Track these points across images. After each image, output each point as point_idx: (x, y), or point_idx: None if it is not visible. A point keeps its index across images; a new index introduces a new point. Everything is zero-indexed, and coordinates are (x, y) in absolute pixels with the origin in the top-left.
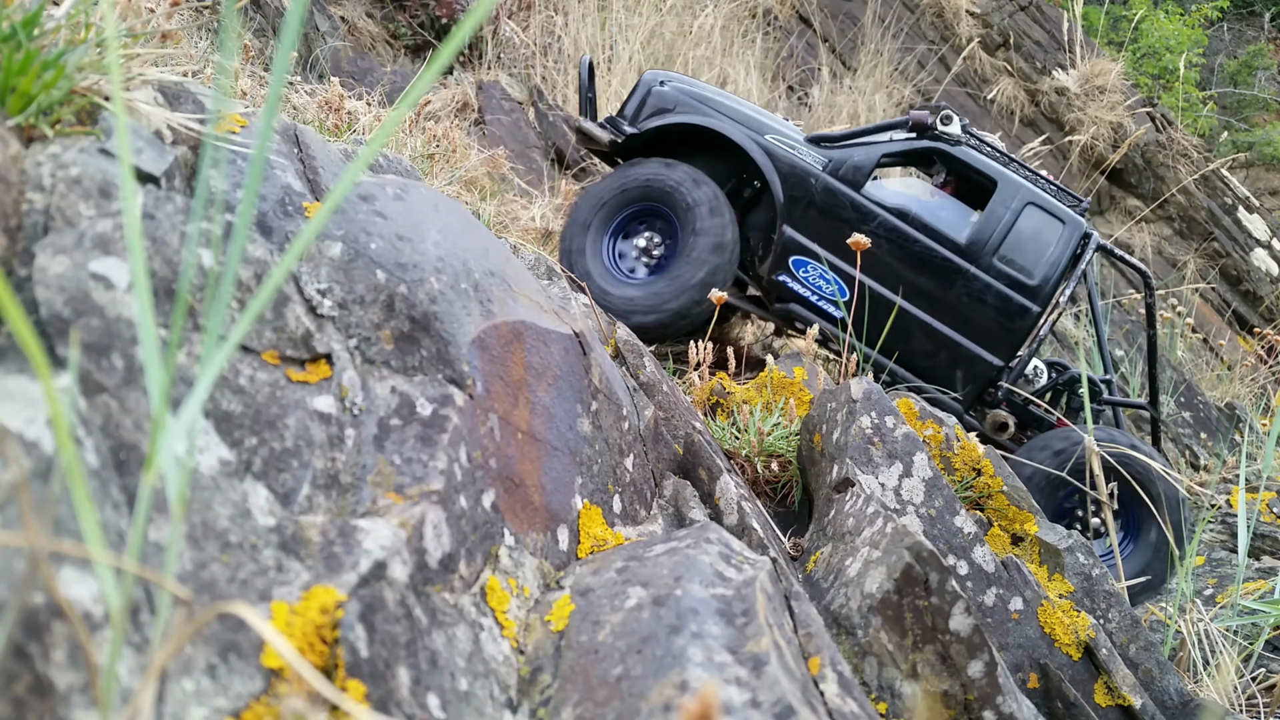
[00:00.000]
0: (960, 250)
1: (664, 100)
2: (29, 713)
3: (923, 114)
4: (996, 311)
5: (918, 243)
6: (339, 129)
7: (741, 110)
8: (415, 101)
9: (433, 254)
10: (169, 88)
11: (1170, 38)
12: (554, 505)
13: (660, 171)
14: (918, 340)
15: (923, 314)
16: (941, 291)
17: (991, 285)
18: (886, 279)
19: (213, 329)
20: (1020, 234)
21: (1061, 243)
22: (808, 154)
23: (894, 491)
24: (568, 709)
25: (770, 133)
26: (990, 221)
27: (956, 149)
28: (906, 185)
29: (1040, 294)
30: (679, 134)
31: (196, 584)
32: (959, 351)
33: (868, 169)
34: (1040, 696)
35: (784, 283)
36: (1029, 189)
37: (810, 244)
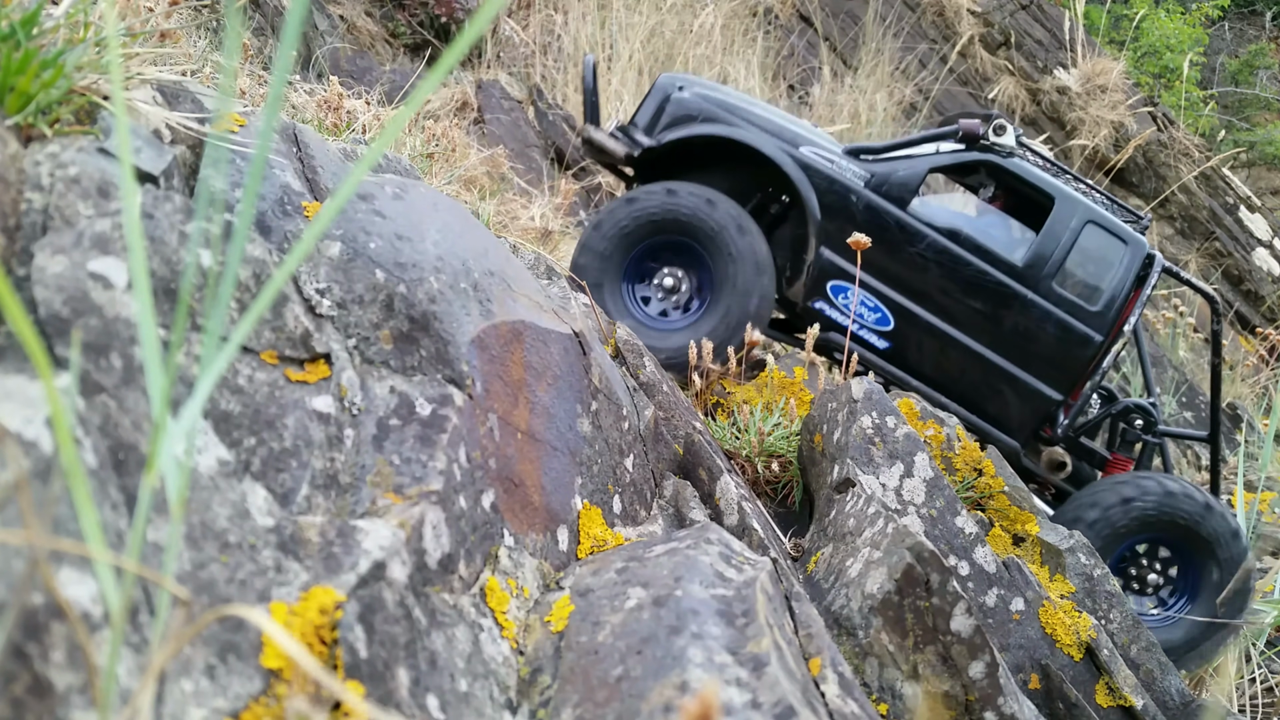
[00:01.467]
0: (1016, 274)
1: (684, 108)
2: (28, 713)
3: (974, 123)
4: (1056, 341)
5: (970, 265)
6: (338, 128)
7: (771, 119)
8: (418, 105)
9: (432, 253)
10: (168, 87)
11: (1171, 37)
12: (554, 505)
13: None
14: (970, 372)
15: (975, 343)
16: (996, 319)
17: (1051, 312)
18: (935, 306)
19: (213, 329)
20: (1081, 255)
21: (1125, 265)
22: (847, 168)
23: (895, 492)
24: (567, 710)
25: (805, 144)
26: (1048, 242)
27: (1009, 161)
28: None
29: (1103, 321)
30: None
31: (195, 584)
32: (1015, 385)
33: (914, 185)
34: (1042, 697)
35: (821, 310)
36: (1088, 206)
37: (850, 267)
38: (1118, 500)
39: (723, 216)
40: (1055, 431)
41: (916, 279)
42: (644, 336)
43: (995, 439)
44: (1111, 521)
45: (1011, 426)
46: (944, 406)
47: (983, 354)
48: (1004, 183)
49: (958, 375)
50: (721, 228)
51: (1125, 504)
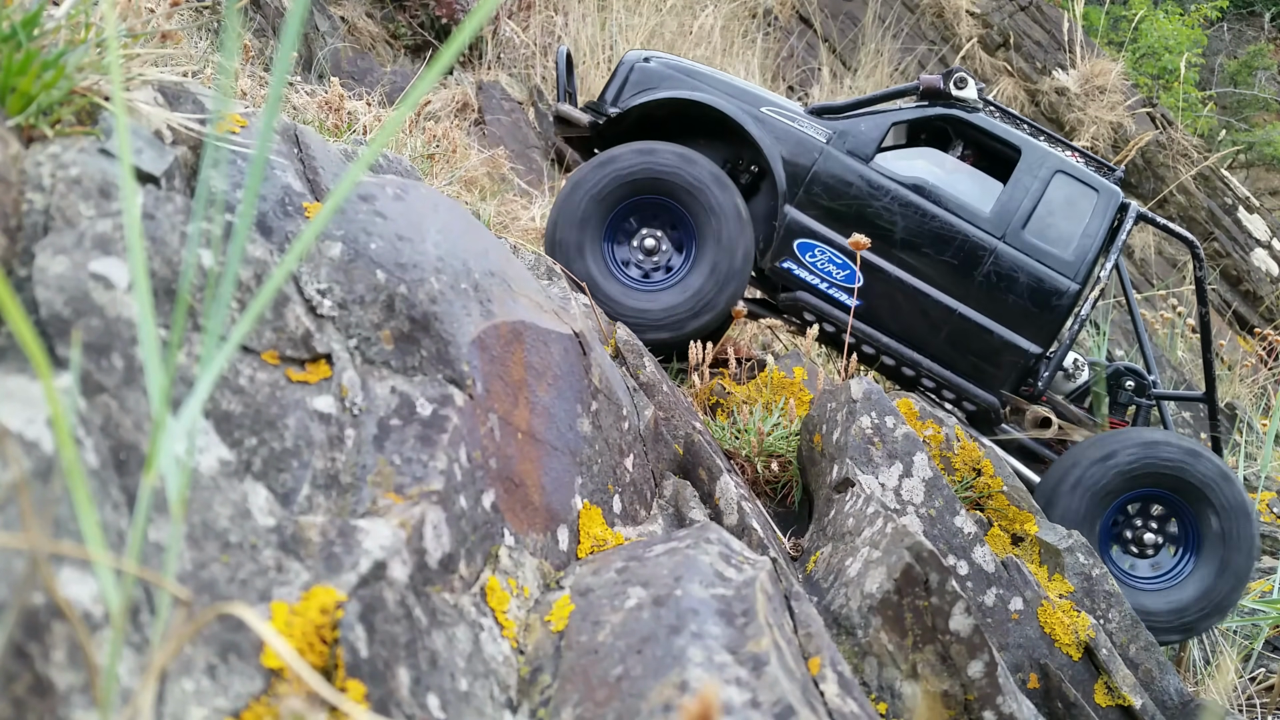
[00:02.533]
0: (985, 224)
1: (648, 77)
2: (29, 713)
3: (934, 78)
4: (1030, 292)
5: (937, 218)
6: (339, 129)
7: (734, 84)
8: (416, 102)
9: (433, 254)
10: (169, 88)
11: (1170, 38)
12: (554, 505)
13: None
14: (943, 329)
15: (946, 297)
16: (967, 272)
17: (1022, 262)
18: (904, 261)
19: (213, 329)
20: (1051, 205)
21: (1097, 213)
22: (809, 126)
23: (894, 491)
24: (568, 709)
25: (766, 105)
26: (1017, 192)
27: (973, 116)
28: (922, 156)
29: (1078, 270)
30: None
31: (196, 584)
32: (990, 339)
33: (876, 139)
34: (1040, 696)
35: (789, 270)
36: (1057, 156)
37: (816, 225)
38: (1097, 457)
39: (701, 173)
40: (1036, 386)
41: (884, 234)
42: (632, 299)
43: (972, 395)
44: (1094, 480)
45: (988, 382)
46: (918, 364)
47: (954, 308)
48: (969, 138)
49: (930, 331)
50: (701, 183)
51: (1104, 460)
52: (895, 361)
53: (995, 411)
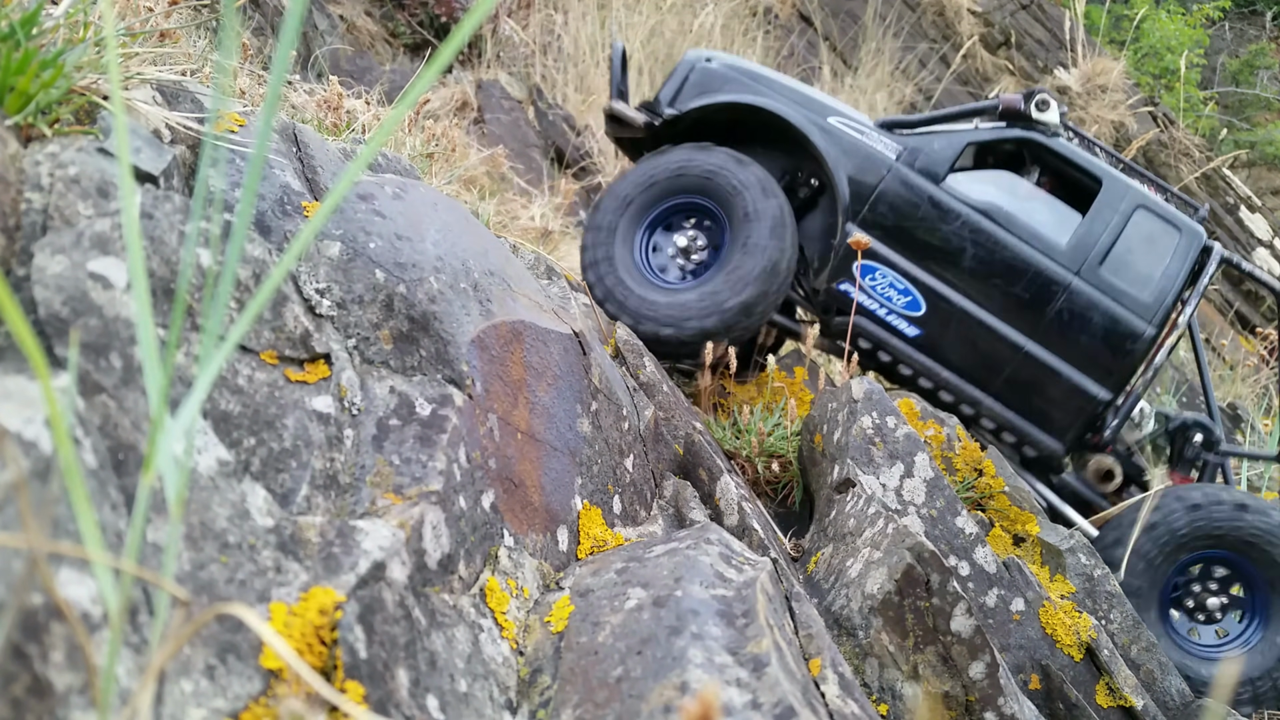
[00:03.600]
0: (1060, 257)
1: (710, 78)
2: (28, 713)
3: (1015, 97)
4: (1104, 333)
5: (1009, 247)
6: (338, 128)
7: (800, 91)
8: (414, 101)
9: (432, 253)
10: (167, 87)
11: (1172, 37)
12: (554, 506)
13: (694, 157)
14: (1007, 367)
15: (1014, 332)
16: (1038, 308)
17: (1098, 301)
18: (970, 291)
19: (211, 329)
20: (1130, 242)
21: (1179, 254)
22: (878, 141)
23: (895, 492)
24: (567, 710)
25: (833, 115)
26: (1096, 226)
27: (1053, 140)
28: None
29: (1154, 313)
30: (725, 120)
31: (195, 585)
32: (1058, 382)
33: (950, 159)
34: (1042, 697)
35: (846, 293)
36: (1139, 190)
37: (880, 246)
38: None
39: (748, 176)
40: (1103, 435)
41: (951, 260)
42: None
43: (1034, 440)
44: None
45: (1053, 426)
46: (978, 402)
47: (1022, 344)
48: (1047, 164)
49: (994, 367)
50: (744, 186)
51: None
52: (954, 398)
53: (1057, 459)
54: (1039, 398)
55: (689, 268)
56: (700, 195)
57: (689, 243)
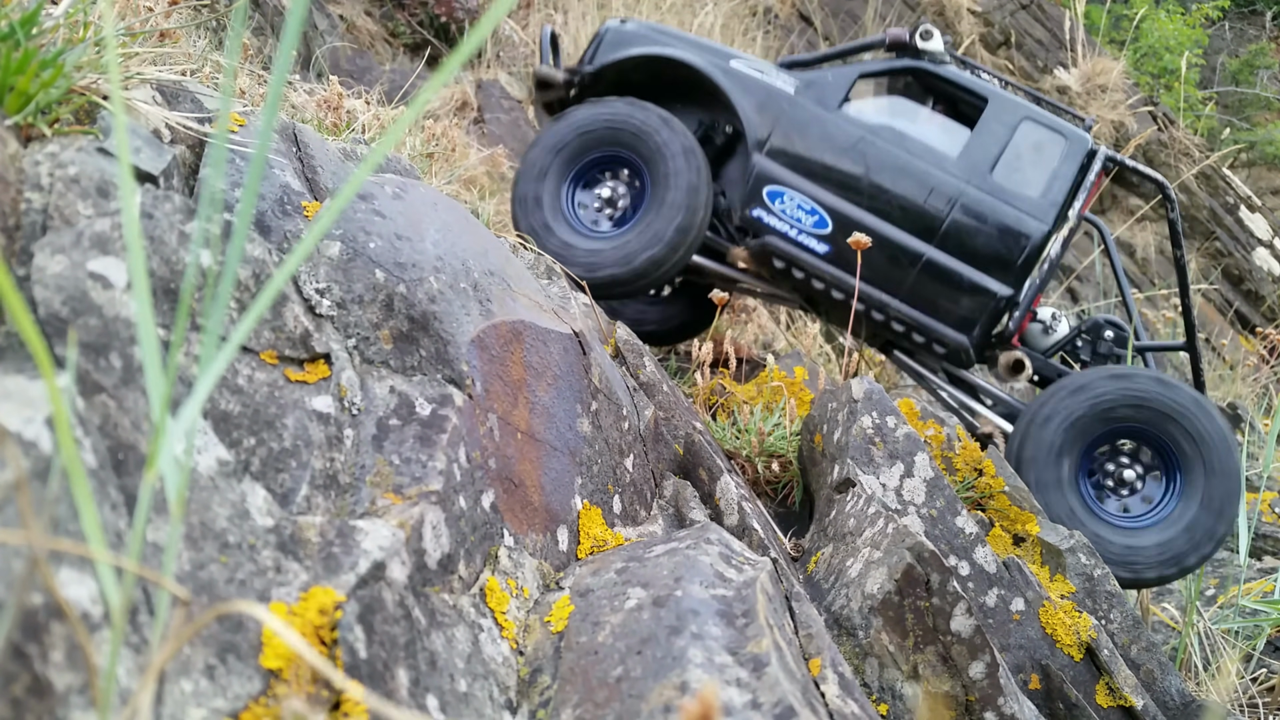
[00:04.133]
0: (952, 169)
1: (623, 37)
2: (28, 713)
3: (900, 31)
4: (997, 232)
5: (903, 163)
6: (338, 128)
7: (706, 43)
8: (423, 106)
9: (432, 253)
10: (167, 87)
11: (1171, 37)
12: (553, 506)
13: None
14: (913, 274)
15: (916, 241)
16: (934, 214)
17: (990, 204)
18: (871, 206)
19: (212, 329)
20: (1018, 149)
21: (1066, 158)
22: (777, 78)
23: (895, 492)
24: (567, 710)
25: (736, 59)
26: (984, 138)
27: (940, 68)
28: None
29: (1046, 211)
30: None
31: (195, 584)
32: (961, 281)
33: (844, 88)
34: (1042, 697)
35: (759, 218)
36: (1025, 105)
37: (784, 173)
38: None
39: (673, 138)
40: (1007, 328)
41: (851, 180)
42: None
43: (942, 336)
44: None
45: (958, 322)
46: (886, 306)
47: (922, 251)
48: (937, 90)
49: (899, 275)
50: (667, 147)
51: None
52: (865, 305)
53: (965, 352)
54: (943, 298)
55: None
56: (627, 150)
57: (612, 193)
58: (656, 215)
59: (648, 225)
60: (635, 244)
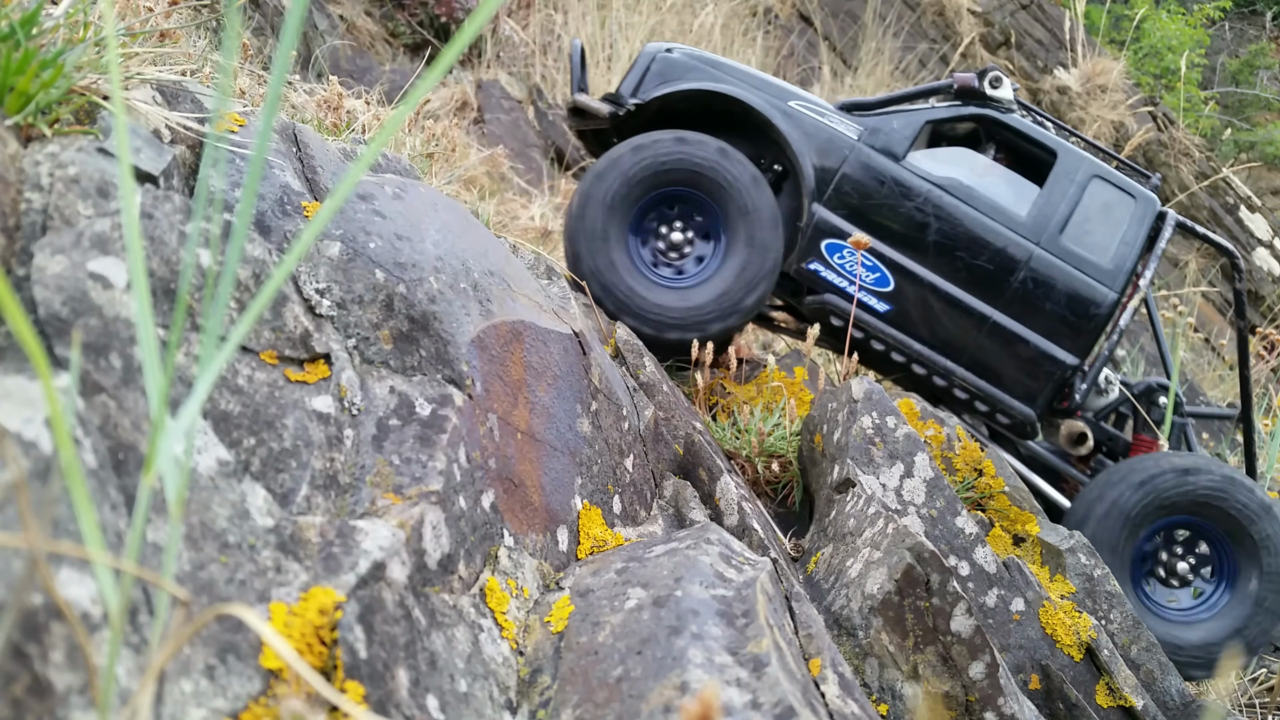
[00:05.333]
0: (1021, 228)
1: (671, 67)
2: (27, 713)
3: (969, 76)
4: (1068, 300)
5: (971, 221)
6: (338, 128)
7: (761, 78)
8: (416, 103)
9: (432, 253)
10: (167, 87)
11: (1172, 37)
12: (553, 506)
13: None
14: (976, 335)
15: (981, 303)
16: (1002, 278)
17: (1060, 269)
18: (936, 265)
19: (212, 329)
20: (1088, 211)
21: (1135, 220)
22: (839, 123)
23: (895, 492)
24: (567, 710)
25: (794, 99)
26: (1053, 196)
27: (1008, 116)
28: (955, 156)
29: (1116, 279)
30: (689, 109)
31: (195, 585)
32: (1026, 349)
33: (909, 137)
34: (1042, 697)
35: (816, 272)
36: (1093, 161)
37: (846, 225)
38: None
39: (737, 168)
40: (1073, 399)
41: (916, 235)
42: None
43: (1006, 407)
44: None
45: (1024, 393)
46: (950, 373)
47: (989, 315)
48: (1003, 139)
49: (963, 338)
50: (736, 179)
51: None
52: (926, 370)
53: (1030, 425)
54: (1008, 366)
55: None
56: (688, 187)
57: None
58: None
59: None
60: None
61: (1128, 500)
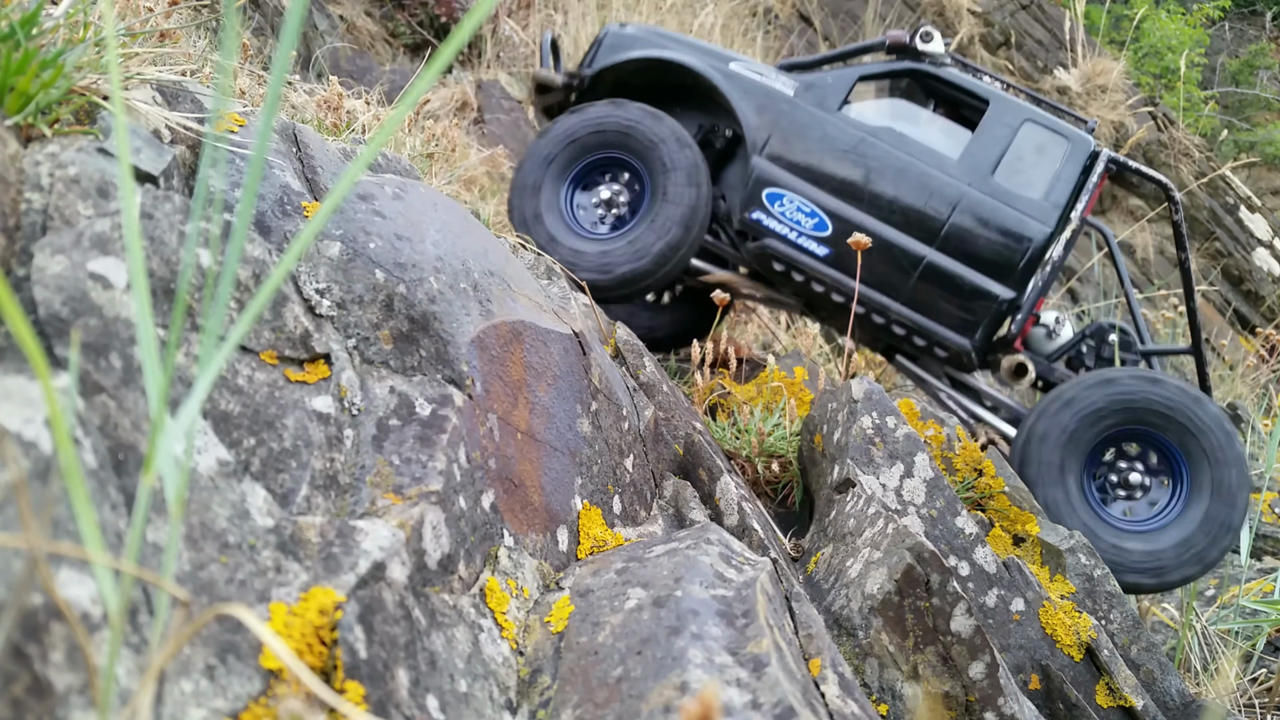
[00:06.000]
0: (953, 171)
1: (622, 40)
2: (27, 713)
3: (901, 33)
4: (999, 234)
5: (904, 164)
6: (338, 128)
7: (705, 46)
8: (415, 102)
9: (432, 254)
10: (167, 87)
11: (1172, 37)
12: (553, 506)
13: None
14: (914, 277)
15: (916, 243)
16: (935, 216)
17: (991, 206)
18: (872, 208)
19: (211, 329)
20: (1020, 151)
21: (1068, 159)
22: (777, 80)
23: (895, 492)
24: (567, 710)
25: (735, 62)
26: (985, 140)
27: (941, 70)
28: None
29: (1048, 213)
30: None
31: (195, 585)
32: (963, 285)
33: (844, 90)
34: (1042, 698)
35: (758, 221)
36: (1026, 107)
37: (784, 175)
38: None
39: (663, 129)
40: (1010, 330)
41: (851, 182)
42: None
43: (944, 339)
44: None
45: (960, 325)
46: (888, 309)
47: (923, 254)
48: (938, 92)
49: (900, 278)
50: (660, 140)
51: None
52: (865, 308)
53: (967, 355)
54: (944, 301)
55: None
56: (619, 150)
57: (611, 195)
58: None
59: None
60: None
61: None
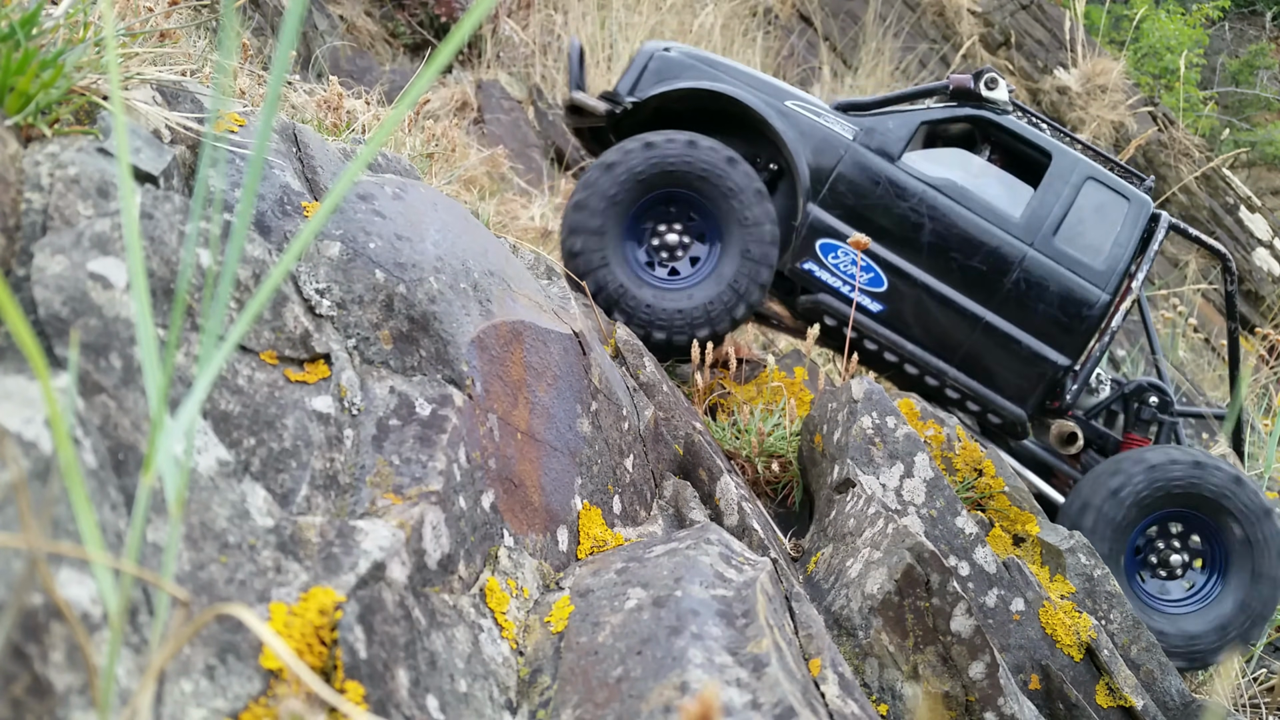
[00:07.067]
0: (1015, 229)
1: (668, 66)
2: (28, 713)
3: (965, 78)
4: (1060, 301)
5: (966, 221)
6: (338, 128)
7: (758, 77)
8: (414, 101)
9: (432, 253)
10: (167, 87)
11: (1171, 37)
12: (553, 506)
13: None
14: (969, 335)
15: (974, 304)
16: (995, 279)
17: (1053, 270)
18: (930, 265)
19: (211, 329)
20: (1081, 212)
21: (1128, 222)
22: (835, 122)
23: (895, 492)
24: (567, 710)
25: (791, 99)
26: (1048, 198)
27: (1003, 118)
28: (950, 157)
29: (1109, 280)
30: (685, 109)
31: (195, 585)
32: (1018, 348)
33: (904, 138)
34: (1042, 697)
35: (810, 271)
36: (1088, 163)
37: (840, 225)
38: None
39: (742, 179)
40: (1064, 399)
41: (910, 236)
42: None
43: (998, 407)
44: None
45: (1015, 393)
46: (943, 373)
47: (982, 315)
48: (998, 140)
49: (956, 339)
50: (740, 190)
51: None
52: (919, 370)
53: (1021, 425)
54: (1000, 366)
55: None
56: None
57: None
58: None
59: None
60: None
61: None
